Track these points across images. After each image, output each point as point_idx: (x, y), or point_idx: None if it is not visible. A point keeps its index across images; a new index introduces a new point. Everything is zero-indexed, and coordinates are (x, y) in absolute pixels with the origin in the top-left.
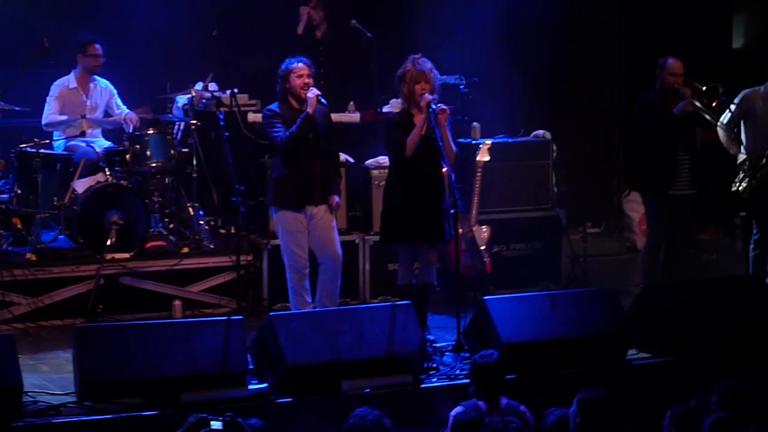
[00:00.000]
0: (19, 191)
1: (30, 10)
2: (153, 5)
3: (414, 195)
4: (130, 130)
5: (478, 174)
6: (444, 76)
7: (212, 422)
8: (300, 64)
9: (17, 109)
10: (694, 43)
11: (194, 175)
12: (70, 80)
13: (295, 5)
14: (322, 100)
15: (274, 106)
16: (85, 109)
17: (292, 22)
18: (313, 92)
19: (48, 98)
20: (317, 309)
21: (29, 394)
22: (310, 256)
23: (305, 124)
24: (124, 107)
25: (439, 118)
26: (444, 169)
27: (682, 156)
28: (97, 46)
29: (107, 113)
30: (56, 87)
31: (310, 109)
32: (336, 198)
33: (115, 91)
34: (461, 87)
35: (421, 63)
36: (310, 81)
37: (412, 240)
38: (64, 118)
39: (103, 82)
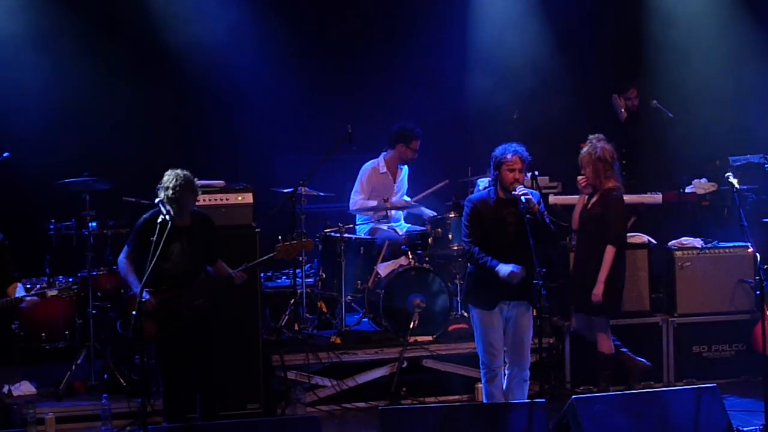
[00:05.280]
0: (323, 275)
1: (330, 95)
2: (450, 91)
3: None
4: (432, 215)
5: None
6: (748, 156)
7: None
8: (512, 156)
9: (322, 194)
10: None
11: None
12: (380, 164)
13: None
14: (526, 198)
15: (476, 198)
16: (391, 193)
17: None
18: (519, 191)
19: (357, 182)
20: (622, 392)
21: None
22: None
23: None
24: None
25: None
26: (749, 249)
27: None
28: (419, 142)
29: None
30: (366, 171)
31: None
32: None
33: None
34: (765, 166)
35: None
36: (521, 176)
37: None
38: (373, 203)
39: (404, 168)
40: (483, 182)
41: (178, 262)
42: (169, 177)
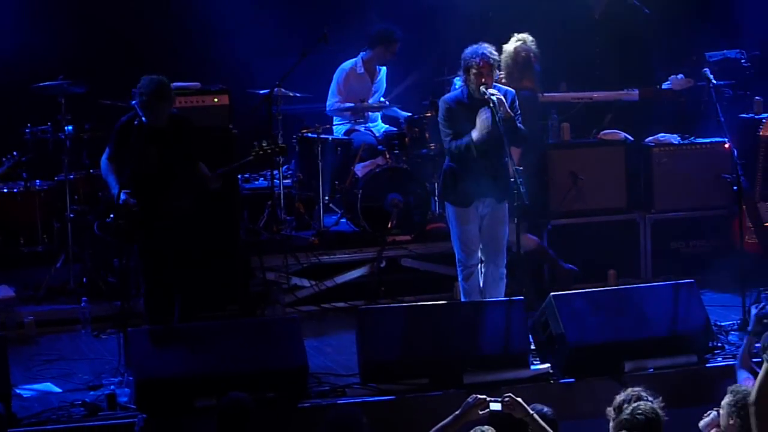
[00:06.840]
0: (301, 176)
1: None
2: None
3: None
4: (406, 116)
5: (762, 149)
6: (724, 51)
7: (491, 404)
8: (480, 60)
9: (298, 95)
10: None
11: None
12: (357, 65)
13: None
14: (498, 99)
15: (450, 99)
16: (369, 94)
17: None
18: (490, 92)
19: (333, 83)
20: (600, 289)
21: (315, 375)
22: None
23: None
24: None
25: None
26: (726, 145)
27: None
28: (400, 44)
29: None
30: (342, 72)
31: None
32: None
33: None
34: (742, 61)
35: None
36: (490, 79)
37: None
38: (349, 105)
39: (382, 69)
40: (459, 81)
41: (155, 164)
42: (144, 83)
